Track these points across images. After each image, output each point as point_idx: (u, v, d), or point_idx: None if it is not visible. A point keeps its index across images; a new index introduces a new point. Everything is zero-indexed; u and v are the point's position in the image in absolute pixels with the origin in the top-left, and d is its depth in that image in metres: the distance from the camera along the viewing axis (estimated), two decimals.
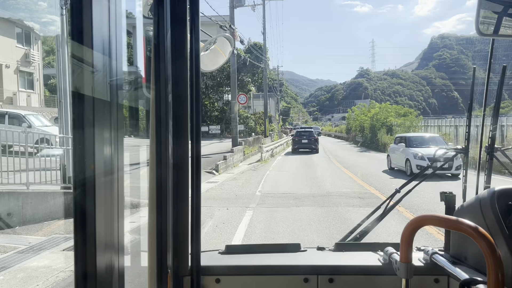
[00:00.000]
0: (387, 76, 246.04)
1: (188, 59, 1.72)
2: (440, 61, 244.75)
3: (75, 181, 1.21)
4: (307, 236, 8.09)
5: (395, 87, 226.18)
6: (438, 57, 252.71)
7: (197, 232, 1.80)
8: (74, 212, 1.21)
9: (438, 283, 1.89)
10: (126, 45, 1.45)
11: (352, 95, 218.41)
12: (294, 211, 10.49)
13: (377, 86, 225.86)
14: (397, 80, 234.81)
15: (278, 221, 9.45)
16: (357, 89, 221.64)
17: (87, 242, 1.18)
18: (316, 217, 9.80)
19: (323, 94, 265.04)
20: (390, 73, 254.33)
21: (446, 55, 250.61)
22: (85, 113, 1.16)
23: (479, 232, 1.24)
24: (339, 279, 1.94)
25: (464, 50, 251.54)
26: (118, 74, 1.27)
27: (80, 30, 1.14)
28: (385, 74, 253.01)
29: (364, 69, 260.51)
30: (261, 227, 8.95)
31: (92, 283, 1.19)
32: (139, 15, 1.82)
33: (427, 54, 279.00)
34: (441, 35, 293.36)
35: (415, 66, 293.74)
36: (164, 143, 1.69)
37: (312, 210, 10.62)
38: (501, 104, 2.44)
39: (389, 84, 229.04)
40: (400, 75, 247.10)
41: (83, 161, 1.18)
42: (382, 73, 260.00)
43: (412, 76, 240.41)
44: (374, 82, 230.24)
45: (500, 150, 2.31)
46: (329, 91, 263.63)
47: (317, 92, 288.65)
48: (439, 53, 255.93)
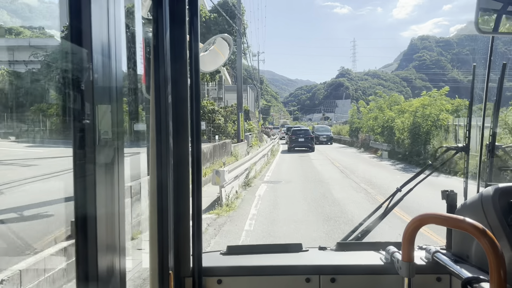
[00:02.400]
0: (368, 76, 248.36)
1: (187, 59, 1.74)
2: (420, 62, 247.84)
3: (76, 182, 1.20)
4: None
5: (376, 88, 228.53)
6: (418, 58, 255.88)
7: (199, 233, 1.80)
8: (75, 214, 1.20)
9: (440, 282, 1.90)
10: (125, 46, 1.43)
11: (333, 94, 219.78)
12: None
13: (358, 86, 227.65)
14: (378, 81, 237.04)
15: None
16: (338, 89, 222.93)
17: (88, 243, 1.17)
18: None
19: (303, 94, 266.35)
20: (371, 74, 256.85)
21: (426, 56, 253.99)
22: (85, 113, 1.15)
23: (481, 230, 1.24)
24: (341, 278, 1.94)
25: (443, 52, 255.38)
26: (118, 75, 1.26)
27: (79, 31, 1.14)
28: (366, 74, 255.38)
29: (345, 68, 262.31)
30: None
31: (94, 284, 1.19)
32: (138, 16, 1.81)
33: (407, 55, 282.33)
34: (421, 37, 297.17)
35: (395, 67, 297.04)
36: (165, 144, 1.69)
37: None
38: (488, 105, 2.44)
39: (370, 84, 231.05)
40: (381, 76, 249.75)
41: (83, 162, 1.17)
42: (363, 73, 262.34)
43: (393, 77, 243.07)
44: (355, 82, 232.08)
45: (502, 148, 2.31)
46: (310, 90, 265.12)
47: (297, 92, 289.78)
48: (419, 54, 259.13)
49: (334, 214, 10.41)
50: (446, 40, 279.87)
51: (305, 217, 10.22)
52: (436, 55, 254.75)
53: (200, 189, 1.79)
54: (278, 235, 8.67)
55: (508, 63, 2.28)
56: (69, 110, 1.16)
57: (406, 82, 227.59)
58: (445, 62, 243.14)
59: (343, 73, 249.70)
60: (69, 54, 1.16)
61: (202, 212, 1.81)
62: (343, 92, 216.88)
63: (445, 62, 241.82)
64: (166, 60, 1.68)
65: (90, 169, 1.16)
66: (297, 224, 9.52)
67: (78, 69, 1.14)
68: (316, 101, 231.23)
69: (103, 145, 1.20)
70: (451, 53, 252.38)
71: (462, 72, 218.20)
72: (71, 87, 1.16)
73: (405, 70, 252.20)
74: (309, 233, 8.72)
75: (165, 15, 1.66)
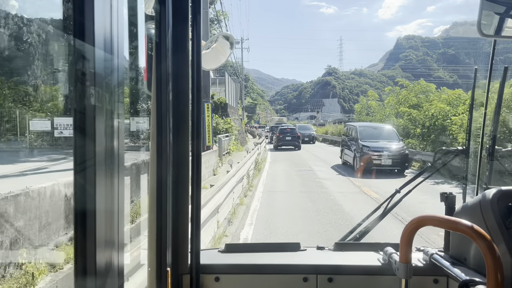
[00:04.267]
0: (354, 75, 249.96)
1: (189, 56, 1.73)
2: (406, 62, 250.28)
3: (75, 177, 1.19)
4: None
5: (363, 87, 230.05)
6: (404, 57, 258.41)
7: (197, 230, 1.80)
8: (75, 209, 1.20)
9: (437, 284, 1.90)
10: (128, 42, 1.42)
11: (320, 93, 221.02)
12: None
13: (345, 85, 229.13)
14: (365, 80, 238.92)
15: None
16: (325, 88, 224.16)
17: (87, 239, 1.17)
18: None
19: (290, 92, 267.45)
20: (357, 73, 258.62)
21: (412, 56, 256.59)
22: (86, 110, 1.15)
23: (478, 233, 1.25)
24: (339, 278, 1.94)
25: (429, 52, 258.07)
26: (120, 71, 1.25)
27: (82, 28, 1.13)
28: (353, 73, 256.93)
29: (332, 67, 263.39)
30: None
31: (92, 280, 1.18)
32: (141, 12, 1.81)
33: (393, 55, 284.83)
34: (407, 36, 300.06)
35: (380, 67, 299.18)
36: (165, 140, 1.70)
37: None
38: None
39: (357, 83, 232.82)
40: (368, 75, 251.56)
41: (83, 158, 1.17)
42: (350, 72, 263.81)
43: (379, 76, 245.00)
44: (342, 81, 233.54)
45: (501, 151, 2.33)
46: (296, 89, 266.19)
47: (283, 90, 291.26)
48: (405, 53, 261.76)
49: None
50: (431, 40, 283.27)
51: None
52: (422, 54, 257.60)
53: (200, 186, 1.79)
54: None
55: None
56: (69, 103, 1.15)
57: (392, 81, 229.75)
58: (431, 61, 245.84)
59: (330, 71, 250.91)
60: (71, 48, 1.14)
61: (201, 209, 1.82)
62: (330, 91, 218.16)
63: (431, 62, 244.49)
64: (168, 57, 1.68)
65: (90, 164, 1.16)
66: None
67: (80, 64, 1.13)
68: (303, 100, 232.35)
69: (103, 140, 1.20)
70: (436, 53, 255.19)
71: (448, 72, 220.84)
72: (72, 82, 1.15)
73: (391, 70, 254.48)
74: None
75: (168, 11, 1.66)
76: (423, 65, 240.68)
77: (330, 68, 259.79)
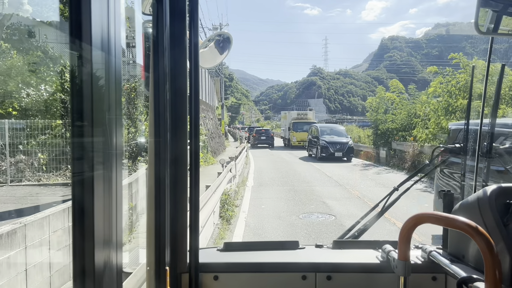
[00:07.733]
0: (339, 75, 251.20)
1: (187, 55, 1.74)
2: (390, 62, 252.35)
3: (73, 176, 1.18)
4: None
5: (348, 87, 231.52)
6: (388, 58, 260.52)
7: (196, 229, 1.80)
8: (73, 208, 1.19)
9: (435, 281, 1.92)
10: (125, 41, 1.39)
11: (305, 93, 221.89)
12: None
13: (330, 85, 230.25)
14: (350, 80, 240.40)
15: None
16: (310, 88, 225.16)
17: (85, 238, 1.16)
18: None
19: (275, 93, 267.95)
20: (342, 73, 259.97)
21: (396, 56, 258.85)
22: (84, 109, 1.14)
23: (477, 230, 1.26)
24: (337, 276, 1.95)
25: (413, 52, 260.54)
26: (117, 70, 1.25)
27: (79, 26, 1.12)
28: (338, 73, 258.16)
29: (317, 67, 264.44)
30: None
31: (90, 279, 1.18)
32: (138, 10, 1.79)
33: (378, 56, 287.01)
34: (391, 37, 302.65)
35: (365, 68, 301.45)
36: (163, 139, 1.70)
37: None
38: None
39: (342, 83, 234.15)
40: (353, 75, 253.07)
41: (81, 157, 1.16)
42: (335, 72, 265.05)
43: (364, 76, 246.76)
44: (327, 81, 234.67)
45: (498, 148, 2.34)
46: (281, 89, 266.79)
47: (268, 91, 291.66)
48: (389, 54, 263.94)
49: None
50: (415, 41, 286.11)
51: None
52: (406, 55, 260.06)
53: (198, 185, 1.79)
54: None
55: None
56: (66, 104, 1.12)
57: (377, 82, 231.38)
58: (415, 62, 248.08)
59: (315, 71, 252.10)
60: (67, 48, 1.12)
61: (199, 208, 1.82)
62: (315, 91, 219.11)
63: (415, 62, 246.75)
64: (166, 56, 1.67)
65: (88, 164, 1.15)
66: None
67: (76, 64, 1.12)
68: (288, 100, 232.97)
69: (101, 140, 1.19)
70: (420, 53, 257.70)
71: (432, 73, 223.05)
72: (69, 82, 1.12)
73: (375, 70, 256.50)
74: None
75: (165, 10, 1.65)
76: (407, 65, 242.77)
77: (315, 68, 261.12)
